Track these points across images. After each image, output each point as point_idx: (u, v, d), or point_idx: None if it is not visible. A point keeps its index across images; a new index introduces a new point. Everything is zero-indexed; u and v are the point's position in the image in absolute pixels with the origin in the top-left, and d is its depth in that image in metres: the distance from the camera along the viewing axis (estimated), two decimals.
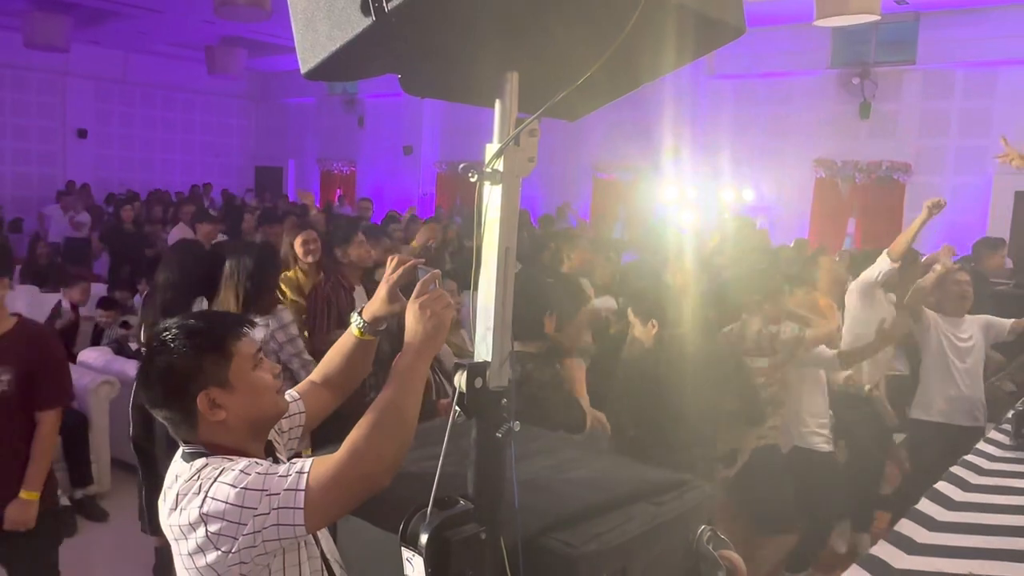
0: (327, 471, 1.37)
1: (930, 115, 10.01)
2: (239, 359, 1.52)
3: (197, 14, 10.69)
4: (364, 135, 15.43)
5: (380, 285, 1.71)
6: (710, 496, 1.91)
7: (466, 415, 1.41)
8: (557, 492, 1.77)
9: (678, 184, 10.14)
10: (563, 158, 11.71)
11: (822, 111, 10.61)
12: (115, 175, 14.24)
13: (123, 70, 15.05)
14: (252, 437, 1.56)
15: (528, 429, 2.10)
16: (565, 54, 1.36)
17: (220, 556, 1.37)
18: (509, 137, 1.38)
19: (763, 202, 10.61)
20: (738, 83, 11.16)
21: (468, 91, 1.53)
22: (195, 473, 1.43)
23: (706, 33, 1.40)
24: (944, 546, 2.17)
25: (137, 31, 12.70)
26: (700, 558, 1.77)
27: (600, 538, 1.60)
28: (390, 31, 1.18)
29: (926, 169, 9.99)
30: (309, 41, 1.32)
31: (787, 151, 10.66)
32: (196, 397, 1.48)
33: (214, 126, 16.93)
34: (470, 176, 1.39)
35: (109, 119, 15.21)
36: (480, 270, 1.42)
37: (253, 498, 1.36)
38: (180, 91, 15.97)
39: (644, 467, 2.21)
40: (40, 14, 10.72)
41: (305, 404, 1.78)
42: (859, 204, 10.49)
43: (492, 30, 1.28)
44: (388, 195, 13.99)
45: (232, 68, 12.87)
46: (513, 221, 1.42)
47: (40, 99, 14.23)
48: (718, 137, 10.81)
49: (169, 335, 1.51)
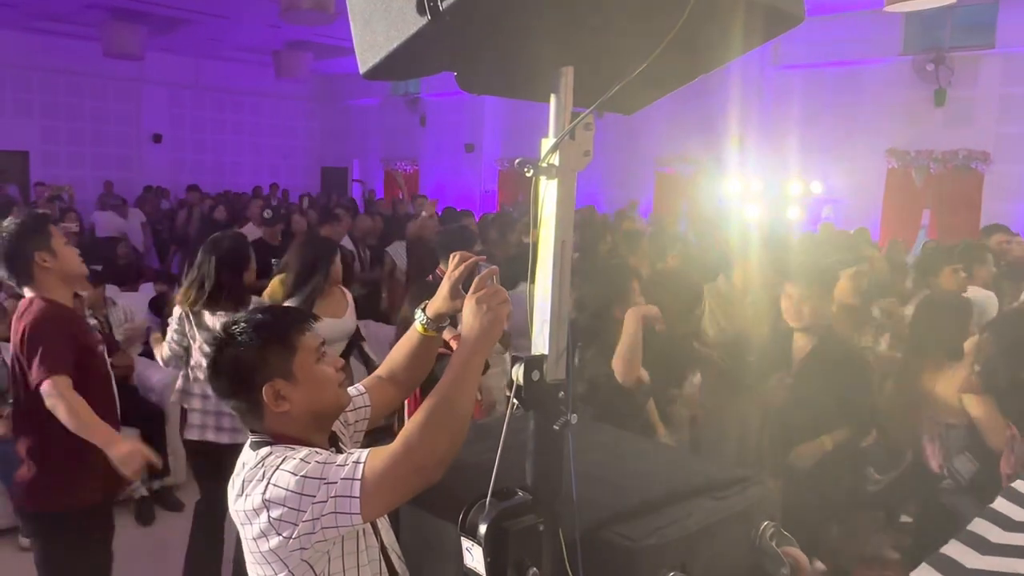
0: (382, 462, 1.41)
1: (1010, 101, 9.57)
2: (303, 352, 1.57)
3: (263, 19, 10.96)
4: (426, 134, 15.59)
5: (443, 282, 1.74)
6: (773, 492, 1.89)
7: (524, 408, 1.42)
8: (617, 485, 1.77)
9: (743, 177, 9.96)
10: (625, 153, 11.60)
11: (894, 99, 10.24)
12: (188, 177, 14.69)
13: (195, 76, 15.55)
14: (316, 428, 1.60)
15: (588, 422, 2.10)
16: (620, 47, 1.36)
17: (281, 541, 1.42)
18: (564, 132, 1.38)
19: (832, 194, 10.33)
20: (806, 72, 10.87)
21: (523, 87, 1.54)
22: (260, 461, 1.49)
23: (763, 21, 1.38)
24: (1020, 546, 2.09)
25: (207, 38, 13.10)
26: (763, 554, 1.75)
27: (660, 532, 1.59)
28: (445, 29, 1.20)
29: (1007, 157, 9.55)
30: (367, 41, 1.35)
31: (857, 141, 10.34)
32: (262, 388, 1.53)
33: (281, 128, 17.33)
34: (526, 171, 1.40)
35: (182, 124, 15.72)
36: (537, 264, 1.43)
37: (312, 486, 1.40)
38: (248, 95, 16.40)
39: (705, 462, 2.19)
40: (116, 24, 11.15)
41: (371, 398, 1.83)
42: (934, 195, 10.11)
43: (546, 25, 1.29)
44: (450, 192, 14.11)
45: (298, 71, 13.16)
46: (569, 215, 1.42)
47: (117, 106, 14.79)
48: (785, 128, 10.55)
49: (237, 328, 1.57)
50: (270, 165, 16.88)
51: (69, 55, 13.41)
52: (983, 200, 9.68)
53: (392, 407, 1.94)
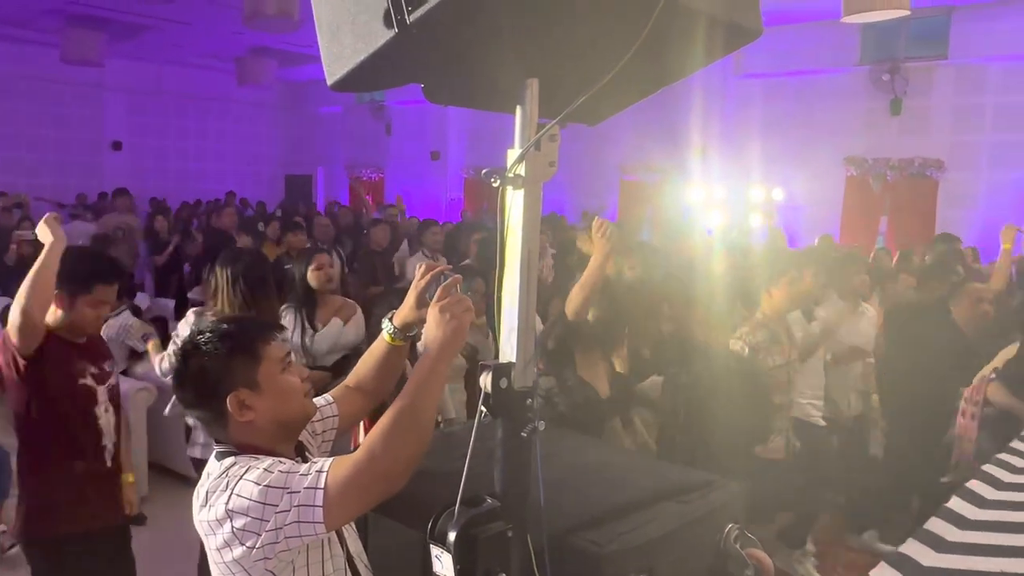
0: (345, 470, 1.41)
1: (963, 110, 9.84)
2: (268, 362, 1.57)
3: (227, 26, 10.85)
4: (392, 141, 15.55)
5: (409, 292, 1.75)
6: (737, 495, 1.92)
7: (492, 415, 1.44)
8: (584, 491, 1.79)
9: (706, 185, 10.09)
10: (590, 161, 11.69)
11: (852, 108, 10.47)
12: (150, 185, 14.45)
13: (157, 82, 15.33)
14: (281, 438, 1.60)
15: (555, 429, 2.12)
16: (584, 60, 1.38)
17: (245, 551, 1.42)
18: (530, 143, 1.41)
19: (793, 201, 10.51)
20: (766, 82, 11.07)
21: (490, 98, 1.56)
22: (224, 471, 1.48)
23: (722, 36, 1.42)
24: (975, 544, 2.15)
25: (169, 44, 12.92)
26: (727, 557, 1.78)
27: (626, 537, 1.62)
28: (412, 42, 1.22)
29: (960, 165, 9.81)
30: (335, 53, 1.36)
31: (817, 149, 10.54)
32: (226, 398, 1.53)
33: (245, 136, 17.14)
34: (492, 181, 1.42)
35: (144, 130, 15.48)
36: (504, 273, 1.45)
37: (275, 495, 1.40)
38: (212, 101, 16.21)
39: (671, 467, 2.22)
40: (75, 30, 10.95)
41: (339, 408, 1.83)
42: (891, 202, 10.34)
43: (511, 39, 1.31)
44: (416, 200, 14.08)
45: (262, 78, 13.04)
46: (535, 225, 1.44)
47: (77, 112, 14.53)
48: (747, 136, 10.72)
49: (203, 338, 1.57)
50: (234, 172, 16.68)
51: (27, 61, 13.15)
52: (938, 207, 9.92)
53: (360, 417, 1.95)
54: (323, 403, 1.81)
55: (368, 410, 1.92)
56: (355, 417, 1.89)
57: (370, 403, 1.89)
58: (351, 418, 1.87)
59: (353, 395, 1.85)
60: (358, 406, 1.87)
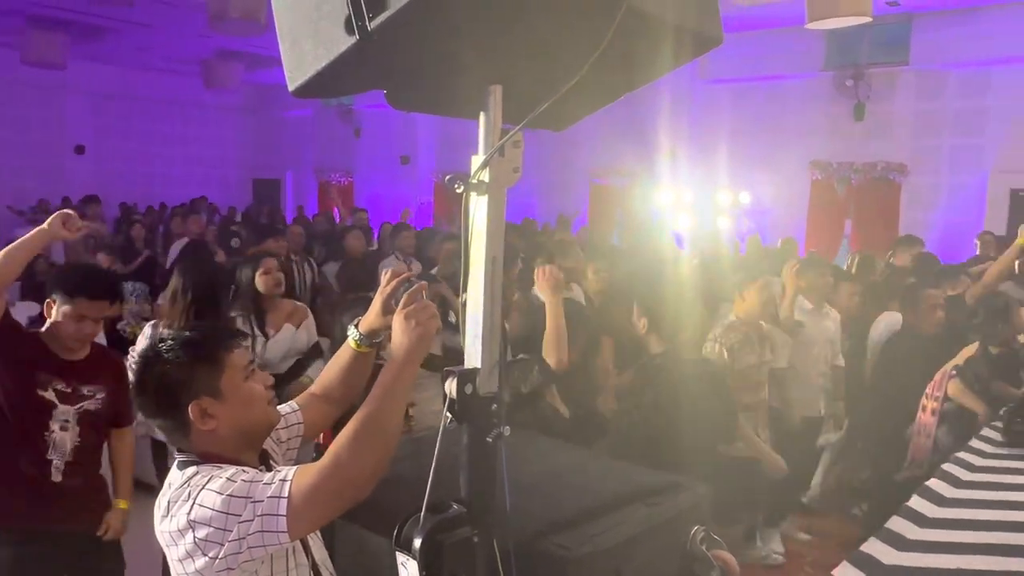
0: (309, 479, 1.40)
1: (924, 115, 10.03)
2: (231, 370, 1.56)
3: (192, 28, 10.73)
4: (361, 146, 15.46)
5: (375, 298, 1.74)
6: (704, 497, 1.94)
7: (457, 421, 1.43)
8: (551, 495, 1.79)
9: (675, 188, 10.17)
10: (560, 165, 11.73)
11: (817, 113, 10.62)
12: (115, 190, 14.21)
13: (121, 85, 15.06)
14: (244, 446, 1.59)
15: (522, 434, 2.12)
16: (546, 67, 1.39)
17: (207, 562, 1.40)
18: (493, 149, 1.41)
19: (759, 205, 10.63)
20: (732, 87, 11.19)
21: (453, 104, 1.56)
22: (185, 481, 1.46)
23: (684, 44, 1.44)
24: (935, 542, 2.19)
25: (134, 47, 12.73)
26: (694, 558, 1.79)
27: (594, 540, 1.62)
28: (374, 49, 1.21)
29: (922, 169, 10.00)
30: (296, 60, 1.35)
31: (782, 154, 10.67)
32: (188, 406, 1.51)
33: (212, 139, 16.94)
34: (456, 187, 1.42)
35: (108, 134, 15.22)
36: (468, 279, 1.45)
37: (238, 505, 1.39)
38: (178, 105, 15.98)
39: (638, 469, 2.23)
40: (36, 32, 10.73)
41: (304, 415, 1.81)
42: (855, 205, 10.51)
43: (474, 46, 1.31)
44: (386, 205, 14.02)
45: (229, 82, 12.89)
46: (499, 231, 1.45)
47: (38, 114, 14.22)
48: (714, 141, 10.82)
49: (164, 346, 1.55)
50: (201, 176, 16.47)
51: None
52: (901, 210, 10.10)
53: (326, 425, 1.93)
54: (288, 410, 1.79)
55: (334, 417, 1.90)
56: (320, 425, 1.87)
57: (336, 410, 1.88)
58: (316, 426, 1.86)
59: (319, 402, 1.84)
60: (323, 413, 1.85)
